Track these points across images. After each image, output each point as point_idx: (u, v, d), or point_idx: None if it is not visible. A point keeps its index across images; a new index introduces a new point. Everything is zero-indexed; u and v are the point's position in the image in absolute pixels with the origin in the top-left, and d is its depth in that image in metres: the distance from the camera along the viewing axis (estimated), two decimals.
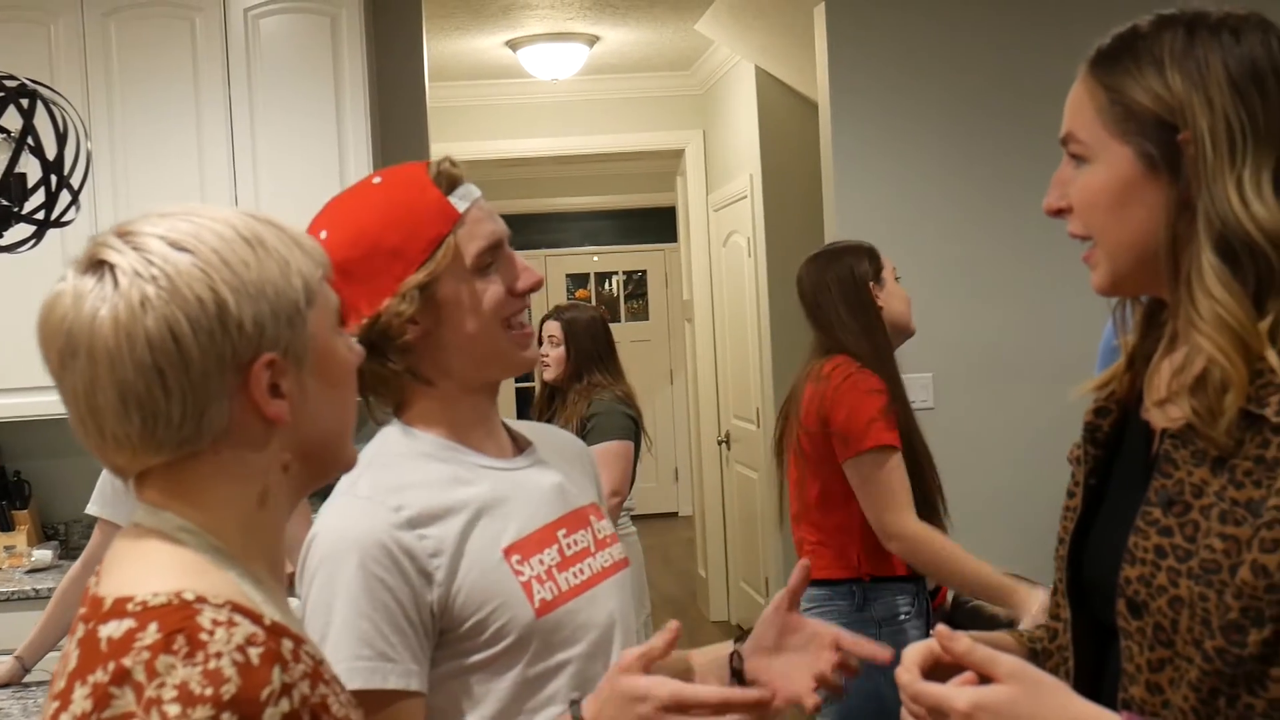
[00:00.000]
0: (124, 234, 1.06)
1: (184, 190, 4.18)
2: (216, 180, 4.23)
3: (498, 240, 1.58)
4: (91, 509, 3.10)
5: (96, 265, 1.05)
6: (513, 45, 6.17)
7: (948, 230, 4.69)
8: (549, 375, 4.29)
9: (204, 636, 0.96)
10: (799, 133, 5.88)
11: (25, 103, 2.69)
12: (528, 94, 6.96)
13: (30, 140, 2.67)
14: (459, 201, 1.56)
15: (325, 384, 1.12)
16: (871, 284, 3.14)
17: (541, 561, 1.57)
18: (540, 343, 4.31)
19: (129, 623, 0.98)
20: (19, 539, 4.31)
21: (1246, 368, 1.17)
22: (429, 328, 1.55)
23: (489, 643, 1.52)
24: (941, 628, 1.22)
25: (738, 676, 1.65)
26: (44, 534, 4.50)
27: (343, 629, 1.46)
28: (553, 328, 4.30)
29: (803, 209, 5.81)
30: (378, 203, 1.56)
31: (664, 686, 1.35)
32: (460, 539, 1.52)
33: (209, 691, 0.93)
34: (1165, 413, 1.26)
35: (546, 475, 1.66)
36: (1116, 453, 1.35)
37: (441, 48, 6.09)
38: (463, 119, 6.87)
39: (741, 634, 1.68)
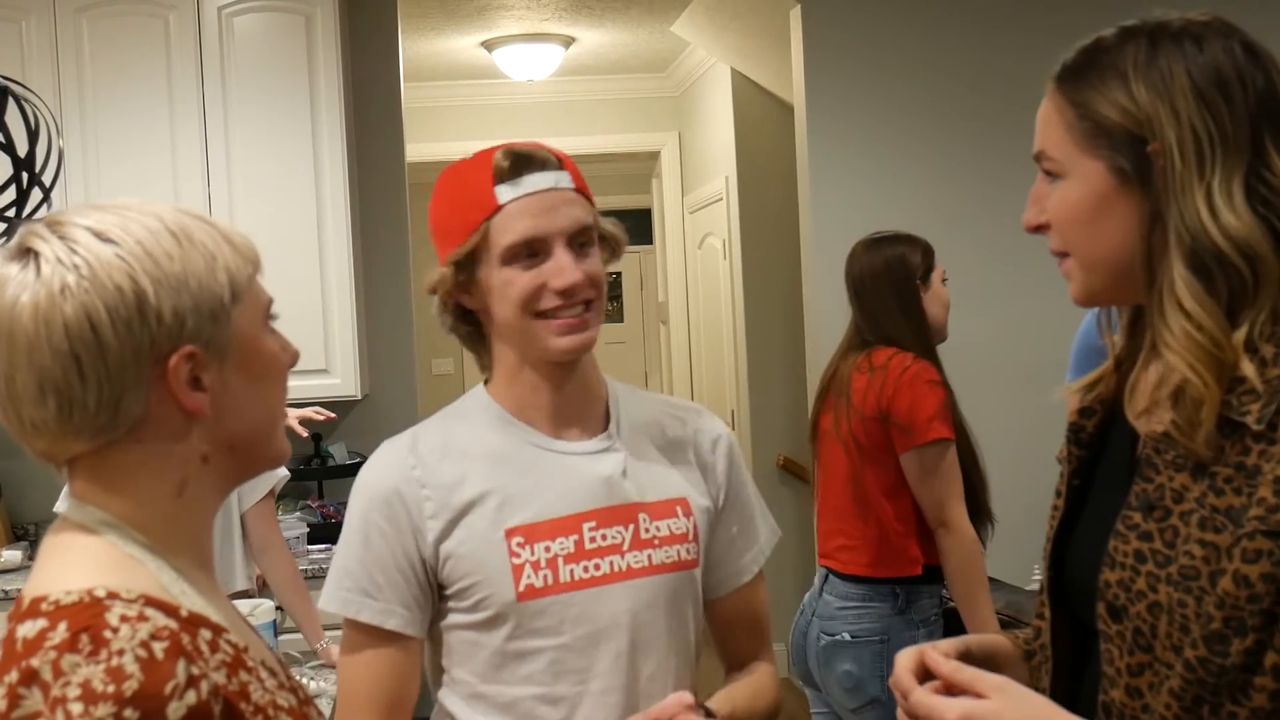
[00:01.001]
0: (53, 224, 1.08)
1: (157, 188, 4.15)
2: (189, 178, 4.20)
3: (532, 237, 1.60)
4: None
5: (24, 253, 1.07)
6: (488, 46, 6.15)
7: (923, 232, 4.66)
8: None
9: (108, 634, 0.97)
10: (775, 135, 5.89)
11: None
12: (503, 95, 6.94)
13: (1, 137, 2.65)
14: (508, 190, 1.60)
15: (249, 379, 1.13)
16: (918, 281, 3.15)
17: (548, 549, 1.61)
18: None
19: (41, 622, 1.00)
20: None
21: (1219, 384, 1.16)
22: (483, 304, 1.65)
23: (472, 609, 1.61)
24: (926, 648, 1.27)
25: None
26: (13, 534, 4.46)
27: (339, 560, 1.63)
28: None
29: (778, 211, 5.82)
30: (451, 181, 1.67)
31: None
32: (464, 508, 1.61)
33: (111, 689, 0.94)
34: (1147, 421, 1.26)
35: (603, 464, 1.66)
36: (1101, 454, 1.35)
37: (417, 48, 6.07)
38: (438, 119, 6.85)
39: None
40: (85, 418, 1.05)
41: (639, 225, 9.36)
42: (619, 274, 10.88)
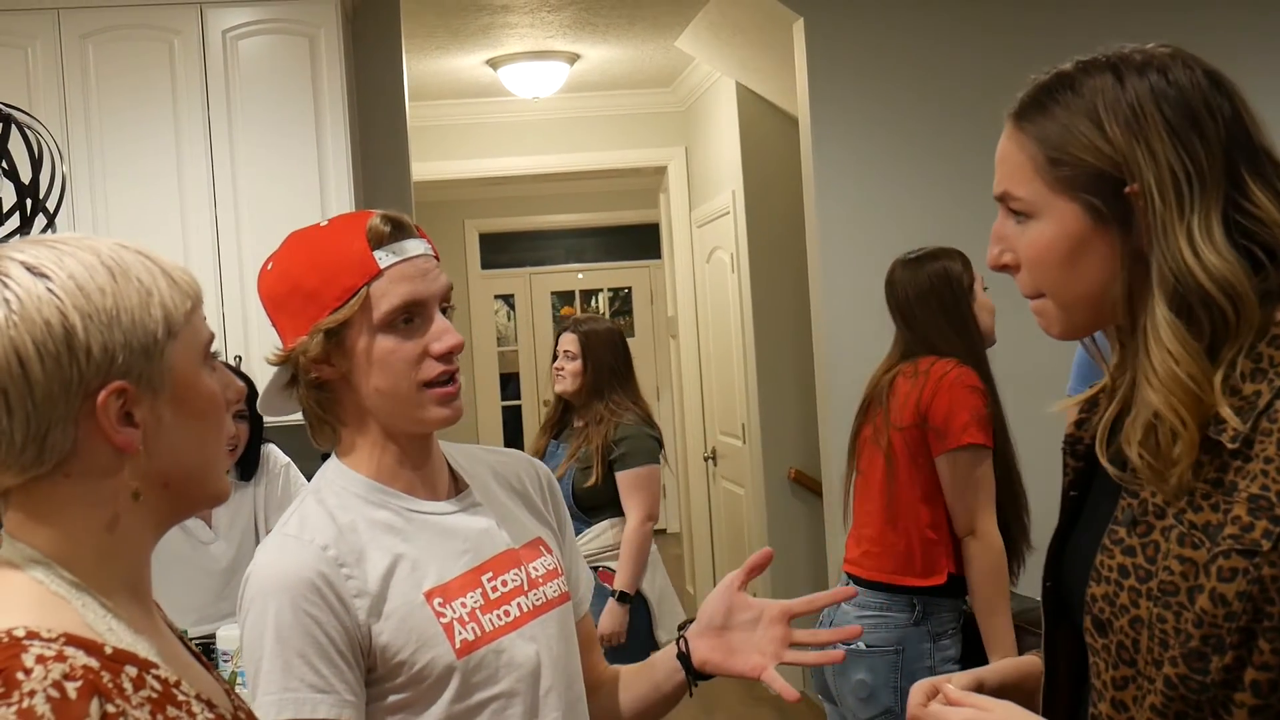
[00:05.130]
0: None
1: (163, 213, 4.17)
2: (196, 202, 4.21)
3: (414, 300, 1.59)
4: None
5: None
6: (493, 64, 6.17)
7: (930, 243, 4.69)
8: (562, 388, 4.16)
9: (20, 676, 0.97)
10: (780, 148, 5.88)
11: None
12: (509, 112, 6.96)
13: (4, 164, 2.66)
14: (386, 256, 1.58)
15: (184, 415, 1.13)
16: (966, 293, 3.14)
17: (464, 604, 1.60)
18: (554, 356, 4.27)
19: None
20: None
21: (1198, 425, 1.16)
22: (345, 372, 1.61)
23: (411, 683, 1.57)
24: (941, 683, 1.32)
25: (685, 660, 1.73)
26: None
27: (273, 663, 1.52)
28: (569, 340, 4.17)
29: (785, 224, 5.82)
30: (312, 245, 1.62)
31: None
32: (383, 582, 1.57)
33: None
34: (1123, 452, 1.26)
35: (476, 519, 1.68)
36: (1098, 466, 1.34)
37: (422, 67, 6.09)
38: (444, 138, 6.87)
39: (686, 621, 1.72)
40: (12, 451, 1.05)
41: (647, 240, 9.37)
42: (629, 288, 10.89)
